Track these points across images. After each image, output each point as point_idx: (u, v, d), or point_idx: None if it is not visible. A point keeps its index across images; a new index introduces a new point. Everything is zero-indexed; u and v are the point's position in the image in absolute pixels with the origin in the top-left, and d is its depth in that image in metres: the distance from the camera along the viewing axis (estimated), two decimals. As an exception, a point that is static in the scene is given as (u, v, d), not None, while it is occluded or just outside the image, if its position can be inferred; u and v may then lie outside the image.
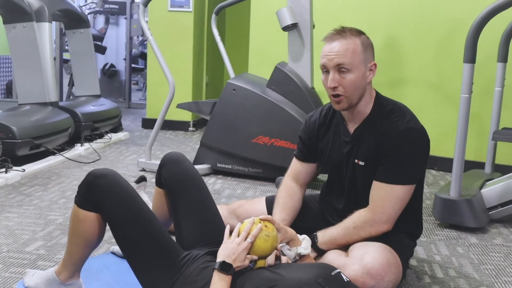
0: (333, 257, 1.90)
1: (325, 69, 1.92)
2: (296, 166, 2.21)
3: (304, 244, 1.71)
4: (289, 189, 2.16)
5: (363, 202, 1.98)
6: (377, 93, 2.01)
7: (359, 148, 1.98)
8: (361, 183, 2.00)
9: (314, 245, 1.96)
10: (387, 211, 1.92)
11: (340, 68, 1.88)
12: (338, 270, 1.53)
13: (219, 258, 1.54)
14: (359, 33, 1.94)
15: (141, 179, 2.67)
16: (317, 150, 2.14)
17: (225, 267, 1.51)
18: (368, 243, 1.91)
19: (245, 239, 1.56)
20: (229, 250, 1.54)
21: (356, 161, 1.99)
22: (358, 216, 1.95)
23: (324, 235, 1.99)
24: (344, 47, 1.88)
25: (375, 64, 1.95)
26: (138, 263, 1.68)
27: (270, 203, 2.31)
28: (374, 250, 1.86)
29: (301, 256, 1.75)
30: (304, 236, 1.75)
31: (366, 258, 1.83)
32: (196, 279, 1.60)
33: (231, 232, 1.63)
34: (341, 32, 1.92)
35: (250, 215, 2.31)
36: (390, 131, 1.91)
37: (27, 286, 1.90)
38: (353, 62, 1.88)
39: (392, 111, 1.95)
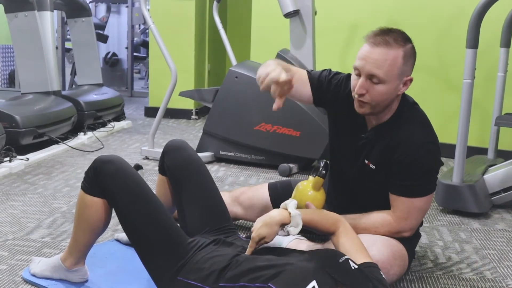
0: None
1: (357, 72, 1.81)
2: (301, 74, 2.03)
3: (293, 222, 1.65)
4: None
5: (360, 201, 1.97)
6: (403, 97, 1.91)
7: (372, 149, 1.92)
8: (368, 184, 1.96)
9: None
10: (411, 222, 1.92)
11: (372, 77, 1.78)
12: (346, 257, 1.53)
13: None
14: (405, 41, 1.80)
15: (137, 168, 2.67)
16: (322, 102, 2.05)
17: None
18: (374, 236, 1.90)
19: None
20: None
21: (366, 162, 1.94)
22: (381, 223, 1.91)
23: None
24: (384, 57, 1.75)
25: (411, 79, 1.83)
26: (144, 248, 1.70)
27: (272, 190, 2.31)
28: (380, 243, 1.85)
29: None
30: (297, 212, 1.68)
31: (372, 251, 1.80)
32: (203, 266, 1.61)
33: None
34: (386, 36, 1.77)
35: (253, 202, 2.33)
36: (406, 144, 1.84)
37: (33, 273, 1.93)
38: (388, 74, 1.76)
39: (410, 121, 1.88)
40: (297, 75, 2.00)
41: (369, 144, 1.93)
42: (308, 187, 1.95)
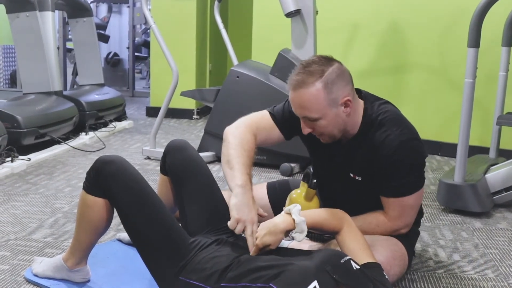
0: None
1: None
2: (264, 121, 2.05)
3: (298, 228, 1.66)
4: (249, 145, 1.97)
5: (354, 210, 1.93)
6: (365, 102, 1.89)
7: (353, 162, 1.92)
8: (358, 194, 1.97)
9: None
10: (405, 219, 1.93)
11: (306, 118, 1.80)
12: (348, 258, 1.52)
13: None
14: (323, 69, 1.76)
15: None
16: (294, 133, 2.06)
17: None
18: (373, 236, 1.89)
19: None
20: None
21: (351, 175, 1.93)
22: (377, 224, 1.92)
23: None
24: (304, 99, 1.76)
25: (349, 100, 1.78)
26: (146, 248, 1.70)
27: (271, 189, 2.31)
28: (380, 244, 1.85)
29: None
30: (301, 219, 1.68)
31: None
32: (205, 267, 1.62)
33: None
34: (301, 75, 1.76)
35: None
36: (384, 148, 1.83)
37: (35, 273, 1.93)
38: (317, 111, 1.76)
39: (382, 124, 1.85)
40: (261, 125, 2.04)
41: (348, 158, 1.93)
42: (301, 197, 1.92)
